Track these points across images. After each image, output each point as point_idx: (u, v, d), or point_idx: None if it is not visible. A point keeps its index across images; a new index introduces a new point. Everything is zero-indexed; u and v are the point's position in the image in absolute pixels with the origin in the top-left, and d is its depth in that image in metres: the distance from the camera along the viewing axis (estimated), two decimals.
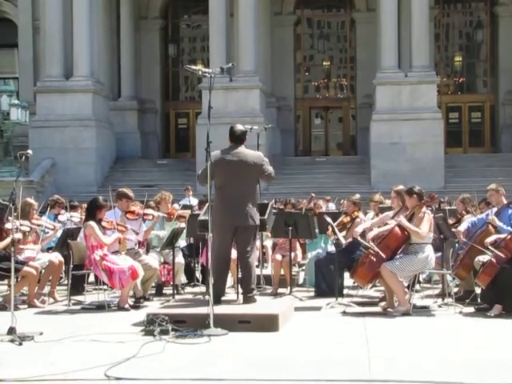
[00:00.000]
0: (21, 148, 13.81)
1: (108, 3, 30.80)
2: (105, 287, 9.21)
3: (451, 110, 31.58)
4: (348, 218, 10.06)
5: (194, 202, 17.02)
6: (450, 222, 10.37)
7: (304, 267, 11.23)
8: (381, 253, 8.23)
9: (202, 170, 7.88)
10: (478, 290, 8.90)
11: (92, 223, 8.92)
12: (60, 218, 11.77)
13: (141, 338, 6.86)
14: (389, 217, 8.81)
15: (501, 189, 9.24)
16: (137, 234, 9.62)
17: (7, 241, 8.72)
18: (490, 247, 8.30)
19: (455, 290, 9.39)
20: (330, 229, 9.42)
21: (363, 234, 8.88)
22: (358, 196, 10.47)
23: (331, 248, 10.50)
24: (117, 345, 6.54)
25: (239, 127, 8.19)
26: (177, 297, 9.45)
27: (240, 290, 8.21)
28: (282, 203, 15.70)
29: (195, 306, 7.75)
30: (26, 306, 9.12)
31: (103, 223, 9.10)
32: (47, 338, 6.86)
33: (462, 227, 9.40)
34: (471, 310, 8.44)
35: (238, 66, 25.32)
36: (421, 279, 10.22)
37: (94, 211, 9.11)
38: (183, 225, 10.46)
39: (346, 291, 9.70)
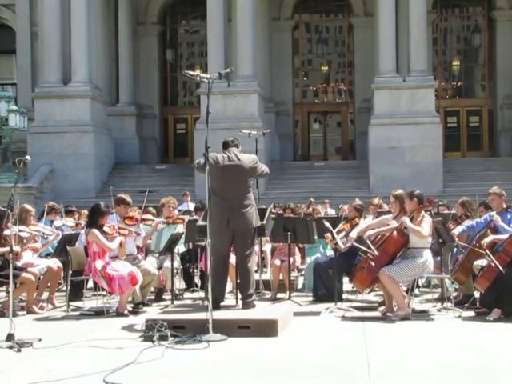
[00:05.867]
0: (19, 154, 13.81)
1: (106, 9, 30.81)
2: (104, 293, 9.19)
3: (449, 115, 31.60)
4: (348, 225, 10.03)
5: (193, 207, 17.00)
6: (451, 225, 10.35)
7: (303, 272, 11.21)
8: (375, 252, 8.23)
9: (197, 161, 7.96)
10: (477, 294, 8.90)
11: (94, 230, 8.90)
12: (56, 223, 11.77)
13: (140, 343, 6.85)
14: (388, 219, 8.80)
15: (503, 193, 9.21)
16: (138, 234, 9.63)
17: (5, 249, 8.64)
18: (487, 252, 8.28)
19: (454, 294, 9.37)
20: (330, 236, 9.34)
21: (360, 238, 8.86)
22: (360, 202, 10.43)
23: (330, 253, 10.49)
24: (115, 351, 6.53)
25: (226, 139, 8.27)
26: (176, 302, 9.43)
27: (239, 295, 8.20)
28: (281, 208, 15.71)
29: (194, 312, 7.74)
30: (25, 313, 9.10)
31: (105, 228, 9.07)
32: (46, 345, 6.84)
33: (457, 230, 9.38)
34: (470, 314, 8.44)
35: (236, 71, 25.32)
36: (420, 283, 10.22)
37: (96, 218, 9.08)
38: (181, 227, 10.45)
39: (345, 296, 9.69)
